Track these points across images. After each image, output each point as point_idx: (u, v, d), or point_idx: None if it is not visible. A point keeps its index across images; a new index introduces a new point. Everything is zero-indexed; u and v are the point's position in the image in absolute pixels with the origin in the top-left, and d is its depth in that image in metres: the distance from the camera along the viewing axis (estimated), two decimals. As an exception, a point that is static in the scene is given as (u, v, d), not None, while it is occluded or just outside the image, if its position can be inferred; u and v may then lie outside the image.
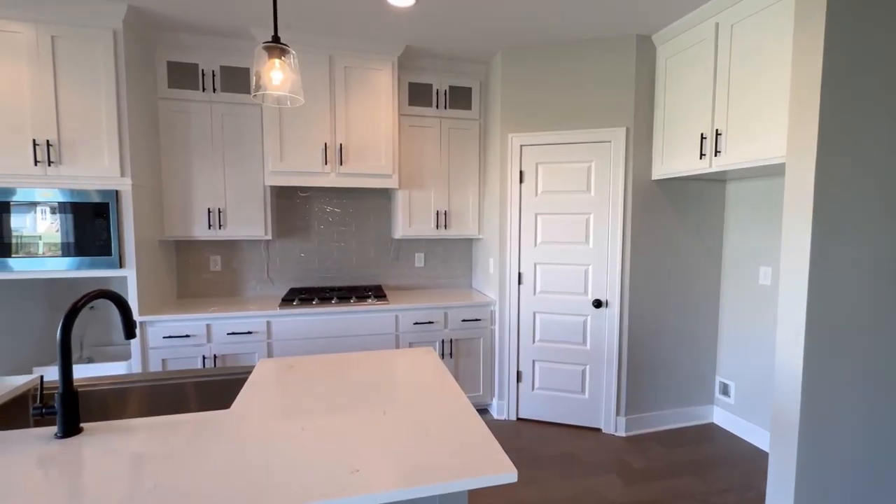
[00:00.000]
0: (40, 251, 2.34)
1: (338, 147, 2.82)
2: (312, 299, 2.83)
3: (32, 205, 2.32)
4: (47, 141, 2.29)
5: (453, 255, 3.58)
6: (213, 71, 2.75)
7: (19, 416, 1.44)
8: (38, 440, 1.11)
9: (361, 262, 3.40)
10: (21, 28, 2.24)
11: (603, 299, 2.82)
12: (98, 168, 2.37)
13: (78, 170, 2.34)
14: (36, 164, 2.29)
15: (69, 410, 1.12)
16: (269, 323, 2.68)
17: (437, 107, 3.14)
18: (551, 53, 2.82)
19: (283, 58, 1.20)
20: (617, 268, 2.76)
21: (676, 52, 2.54)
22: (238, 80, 2.80)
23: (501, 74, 2.93)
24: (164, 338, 2.53)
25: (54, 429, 1.15)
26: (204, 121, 2.77)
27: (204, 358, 2.59)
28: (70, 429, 1.12)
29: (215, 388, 1.68)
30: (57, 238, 2.35)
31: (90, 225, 2.39)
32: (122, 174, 2.39)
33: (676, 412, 2.98)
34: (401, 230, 3.14)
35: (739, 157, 2.16)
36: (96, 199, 2.38)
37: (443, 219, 3.21)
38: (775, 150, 1.99)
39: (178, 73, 2.72)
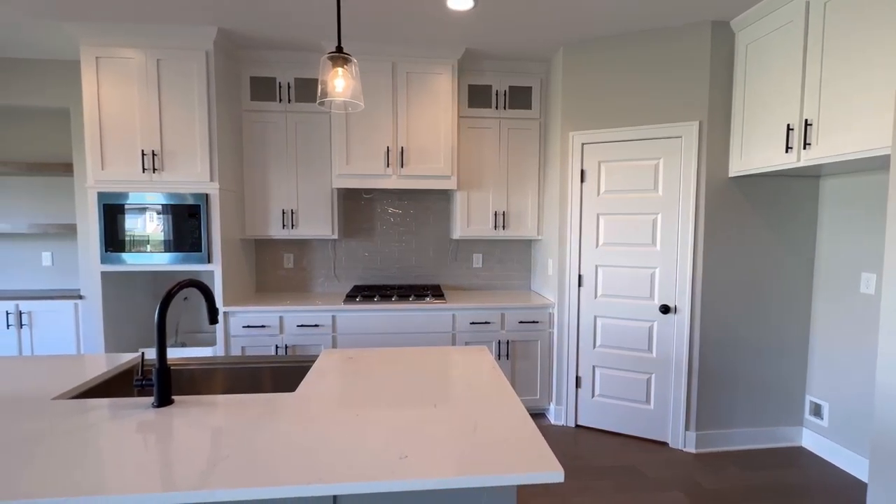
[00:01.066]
0: (147, 248, 2.69)
1: (399, 150, 2.93)
2: (374, 296, 2.96)
3: (141, 207, 2.67)
4: (153, 151, 2.63)
5: (511, 256, 3.55)
6: (288, 83, 2.99)
7: (125, 386, 1.68)
8: (138, 408, 1.28)
9: (421, 261, 3.49)
10: (133, 54, 2.59)
11: (671, 305, 2.65)
12: (192, 174, 2.67)
13: (176, 176, 2.66)
14: (143, 172, 2.63)
15: (163, 384, 1.28)
16: (334, 317, 2.85)
17: (496, 108, 3.15)
18: (615, 47, 2.72)
19: (345, 66, 1.29)
20: (687, 272, 2.58)
21: (759, 36, 2.33)
22: (310, 90, 3.01)
23: (562, 72, 2.87)
24: (243, 327, 2.79)
25: (151, 399, 1.32)
26: (280, 129, 3.01)
27: (277, 347, 2.81)
28: (163, 400, 1.29)
29: (284, 373, 1.83)
30: (160, 236, 2.69)
31: (185, 224, 2.71)
32: (212, 179, 2.68)
33: (757, 432, 2.71)
34: (459, 231, 3.18)
35: (832, 149, 1.93)
36: (190, 201, 2.68)
37: (501, 219, 3.21)
38: (876, 141, 1.75)
39: (259, 87, 2.98)
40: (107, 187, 2.64)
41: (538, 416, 3.14)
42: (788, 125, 2.13)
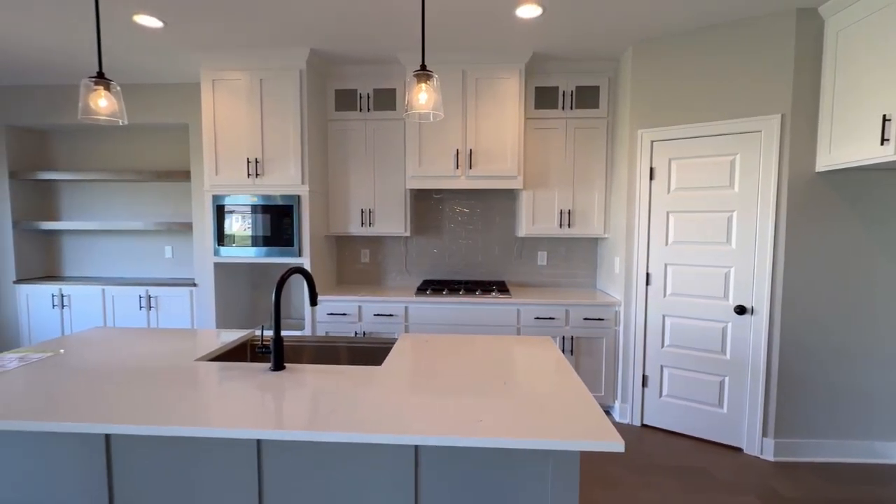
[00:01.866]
0: (249, 242, 3.10)
1: (468, 152, 3.10)
2: (443, 290, 3.16)
3: (245, 207, 3.08)
4: (255, 158, 3.03)
5: (577, 255, 3.58)
6: (367, 94, 3.28)
7: (241, 355, 2.01)
8: (258, 371, 1.56)
9: (487, 258, 3.63)
10: (241, 76, 3.01)
11: (748, 306, 2.56)
12: (286, 178, 3.04)
13: (273, 179, 3.04)
14: (248, 177, 3.04)
15: (278, 352, 1.56)
16: (406, 308, 3.09)
17: (563, 108, 3.21)
18: (688, 42, 2.67)
19: (427, 82, 1.47)
20: (766, 271, 2.48)
21: (851, 22, 2.19)
22: (386, 99, 3.28)
23: (631, 69, 2.87)
24: (327, 314, 3.11)
25: (268, 364, 1.60)
26: (359, 136, 3.32)
27: (356, 333, 3.11)
28: (278, 365, 1.56)
29: (363, 352, 2.07)
30: (259, 232, 3.09)
31: (279, 222, 3.08)
32: (302, 182, 3.03)
33: (846, 444, 2.53)
34: (524, 229, 3.29)
35: (936, 140, 1.79)
36: (283, 202, 3.06)
37: (566, 218, 3.26)
38: None
39: (342, 98, 3.31)
40: (219, 190, 3.09)
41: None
42: (885, 116, 1.99)
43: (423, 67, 1.46)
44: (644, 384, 2.95)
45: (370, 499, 1.42)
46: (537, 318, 3.04)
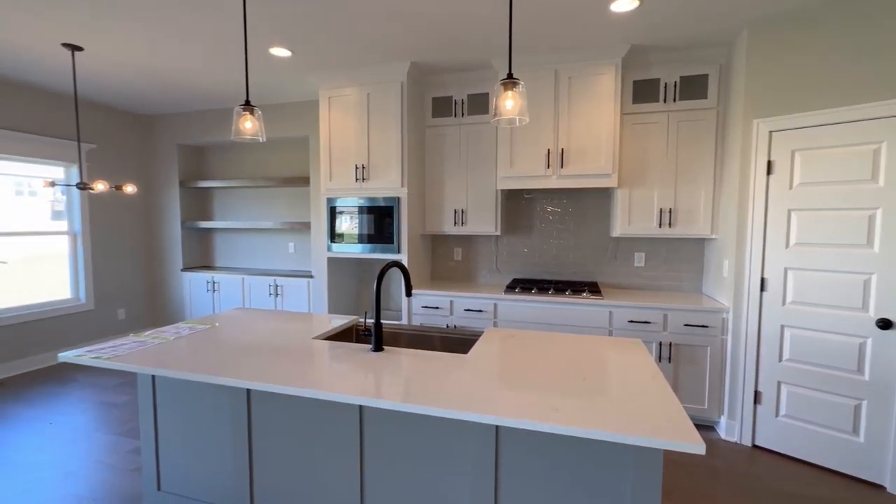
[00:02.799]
0: (355, 240, 3.48)
1: (559, 151, 3.09)
2: (531, 289, 3.20)
3: (352, 208, 3.46)
4: (362, 165, 3.38)
5: (679, 256, 3.35)
6: (462, 100, 3.45)
7: (348, 337, 2.30)
8: (361, 351, 1.80)
9: (578, 258, 3.57)
10: (351, 92, 3.38)
11: (894, 319, 2.18)
12: (388, 181, 3.34)
13: (377, 183, 3.37)
14: (356, 181, 3.41)
15: (378, 335, 1.77)
16: (495, 305, 3.19)
17: (665, 101, 3.03)
18: (815, 19, 2.35)
19: (513, 89, 1.56)
20: (921, 279, 2.09)
21: None
22: (479, 104, 3.41)
23: (747, 53, 2.62)
24: (422, 307, 3.35)
25: (369, 346, 1.83)
26: (453, 139, 3.50)
27: (447, 325, 3.30)
28: (378, 347, 1.78)
29: (452, 342, 2.21)
30: (364, 231, 3.44)
31: (381, 222, 3.40)
32: (402, 185, 3.30)
33: None
34: (619, 228, 3.17)
35: None
36: (385, 203, 3.36)
37: (667, 217, 3.08)
38: None
39: (438, 106, 3.52)
40: (332, 193, 3.51)
41: (706, 427, 2.91)
42: None
43: (510, 76, 1.55)
44: (757, 401, 2.67)
45: (454, 469, 1.56)
46: (631, 321, 2.92)
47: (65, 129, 4.08)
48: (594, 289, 3.19)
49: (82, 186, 3.00)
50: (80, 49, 2.94)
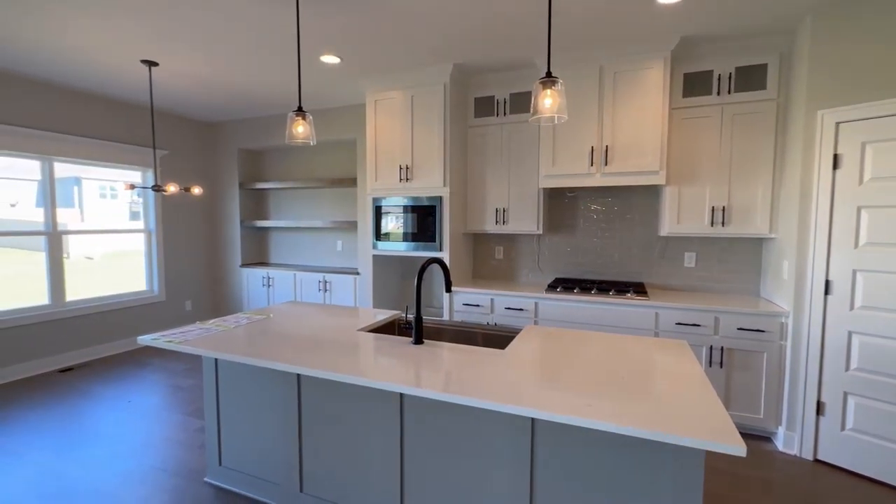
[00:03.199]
0: (399, 238, 3.59)
1: (603, 149, 3.04)
2: (574, 288, 3.16)
3: (396, 208, 3.58)
4: (406, 165, 3.49)
5: (733, 257, 3.18)
6: (504, 99, 3.46)
7: (390, 330, 2.39)
8: (403, 343, 1.88)
9: (623, 258, 3.48)
10: (396, 95, 3.50)
11: (985, 328, 1.97)
12: (430, 181, 3.42)
13: (420, 183, 3.46)
14: (400, 182, 3.52)
15: (418, 329, 1.85)
16: (536, 304, 3.18)
17: (718, 93, 2.89)
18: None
19: (552, 87, 1.57)
20: None
21: None
22: (522, 102, 3.41)
23: (811, 40, 2.45)
24: (462, 304, 3.41)
25: (410, 339, 1.90)
26: (495, 139, 3.52)
27: (487, 323, 3.32)
28: (418, 340, 1.85)
29: (491, 338, 2.25)
30: (408, 230, 3.54)
31: (424, 221, 3.48)
32: (444, 184, 3.37)
33: None
34: (667, 227, 3.06)
35: None
36: (428, 203, 3.44)
37: (719, 215, 2.93)
38: None
39: (480, 106, 3.56)
40: (377, 193, 3.64)
41: (761, 439, 2.75)
42: None
43: (549, 74, 1.57)
44: (819, 412, 2.49)
45: (490, 460, 1.60)
46: (679, 323, 2.82)
47: (142, 137, 4.51)
48: (640, 289, 3.10)
49: (157, 189, 3.32)
50: (155, 64, 3.25)
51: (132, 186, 3.26)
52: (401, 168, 3.51)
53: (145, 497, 2.12)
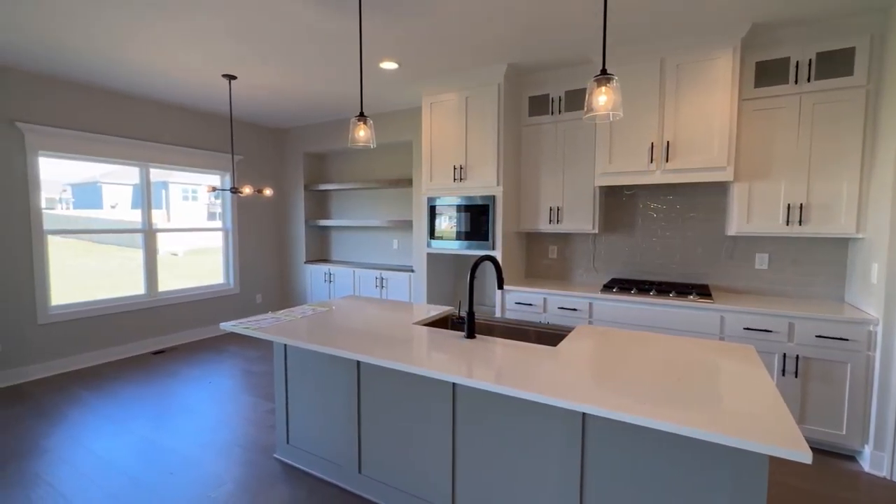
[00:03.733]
0: (452, 237, 3.67)
1: (664, 145, 2.92)
2: (631, 289, 3.07)
3: (449, 207, 3.66)
4: (460, 165, 3.56)
5: (812, 258, 2.93)
6: (559, 97, 3.43)
7: (444, 324, 2.47)
8: (456, 337, 1.95)
9: (686, 259, 3.32)
10: (451, 97, 3.58)
11: None
12: (484, 181, 3.47)
13: (473, 182, 3.52)
14: (454, 181, 3.60)
15: (471, 323, 1.91)
16: (590, 304, 3.13)
17: (796, 82, 2.68)
18: None
19: (607, 84, 1.56)
20: None
21: None
22: (577, 100, 3.36)
23: (907, 19, 2.21)
24: (515, 303, 3.42)
25: (462, 333, 1.97)
26: (549, 137, 3.50)
27: (539, 322, 3.31)
28: (470, 334, 1.91)
29: (543, 336, 2.26)
30: (461, 228, 3.62)
31: (477, 220, 3.54)
32: (497, 184, 3.41)
33: None
34: (735, 226, 2.89)
35: None
36: (481, 202, 3.49)
37: (796, 213, 2.72)
38: None
39: (535, 104, 3.55)
40: (432, 193, 3.75)
41: (843, 457, 2.52)
42: None
43: (604, 71, 1.56)
44: (915, 431, 2.24)
45: (539, 454, 1.62)
46: (748, 328, 2.65)
47: (220, 144, 4.96)
48: (703, 291, 2.95)
49: (234, 191, 3.65)
50: (234, 78, 3.58)
51: (214, 189, 3.61)
52: (455, 168, 3.59)
53: (225, 466, 2.36)
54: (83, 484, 2.21)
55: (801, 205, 2.70)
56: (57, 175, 3.88)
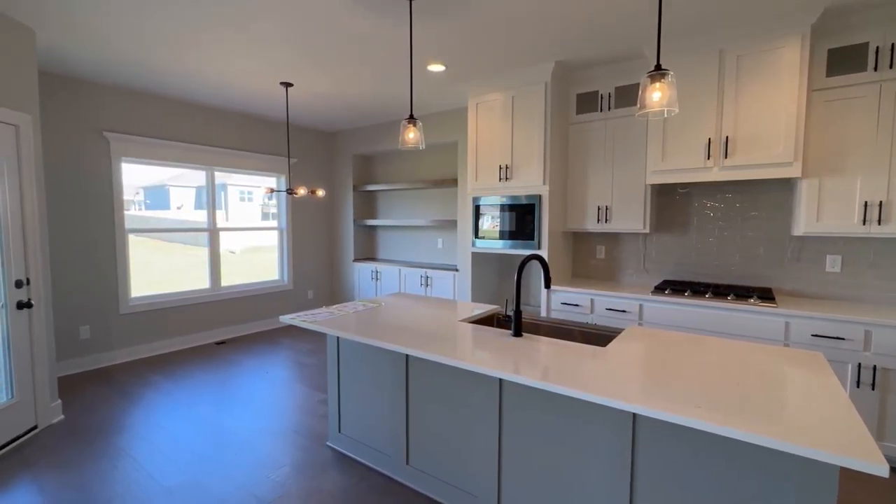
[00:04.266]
0: (497, 236, 3.68)
1: (722, 140, 2.78)
2: (684, 291, 2.95)
3: (495, 206, 3.67)
4: (505, 165, 3.57)
5: (893, 261, 2.68)
6: (608, 93, 3.35)
7: (489, 323, 2.50)
8: (502, 335, 1.97)
9: (746, 260, 3.14)
10: (497, 97, 3.59)
11: None
12: (530, 180, 3.45)
13: (519, 182, 3.51)
14: (499, 181, 3.61)
15: (518, 322, 1.92)
16: (641, 306, 3.04)
17: (875, 69, 2.47)
18: None
19: (661, 80, 1.53)
20: None
21: None
22: (628, 96, 3.27)
23: None
24: (561, 303, 3.38)
25: (509, 331, 1.98)
26: (598, 135, 3.42)
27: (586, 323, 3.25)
28: (517, 333, 1.92)
29: (591, 336, 2.22)
30: (506, 228, 3.62)
31: (522, 219, 3.53)
32: (544, 183, 3.38)
33: None
34: (803, 226, 2.70)
35: None
36: (527, 201, 3.48)
37: (874, 212, 2.50)
38: None
39: (583, 102, 3.49)
40: (477, 193, 3.78)
41: (929, 479, 2.30)
42: None
43: (658, 67, 1.53)
44: None
45: (587, 454, 1.61)
46: (816, 335, 2.47)
47: (276, 147, 5.25)
48: (766, 294, 2.78)
49: (290, 192, 3.85)
50: (291, 85, 3.78)
51: (272, 191, 3.84)
52: (500, 168, 3.60)
53: (282, 450, 2.52)
54: (159, 458, 2.43)
55: (881, 202, 2.49)
56: (132, 179, 4.27)
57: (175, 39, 2.87)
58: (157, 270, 4.48)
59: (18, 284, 2.61)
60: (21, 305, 2.61)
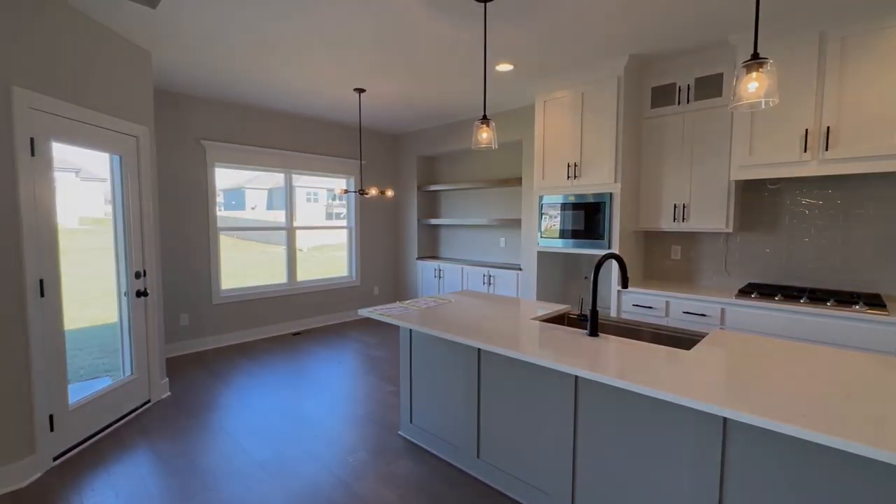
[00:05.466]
0: (565, 235, 3.62)
1: (823, 131, 2.55)
2: (774, 295, 2.73)
3: (562, 205, 3.62)
4: (574, 163, 3.50)
5: None
6: (687, 85, 3.18)
7: (560, 322, 2.48)
8: (577, 334, 1.95)
9: (849, 262, 2.85)
10: (565, 94, 3.53)
11: None
12: (600, 177, 3.37)
13: (588, 180, 3.43)
14: (567, 179, 3.56)
15: (594, 321, 1.90)
16: (723, 310, 2.86)
17: None
18: None
19: (759, 70, 1.44)
20: None
21: None
22: (709, 86, 3.08)
23: None
24: (632, 305, 3.26)
25: (585, 330, 1.96)
26: (676, 130, 3.26)
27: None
28: (593, 332, 1.90)
29: (667, 339, 2.13)
30: (574, 226, 3.55)
31: (591, 218, 3.44)
32: (615, 181, 3.28)
33: None
34: (922, 225, 2.40)
35: None
36: (595, 199, 3.39)
37: None
38: None
39: (658, 95, 3.34)
40: (543, 191, 3.74)
41: None
42: None
43: (756, 56, 1.44)
44: None
45: (670, 458, 1.57)
46: (939, 348, 2.19)
47: (346, 150, 5.53)
48: (874, 301, 2.51)
49: (361, 192, 4.06)
50: (363, 91, 3.98)
51: (345, 191, 4.06)
52: (569, 166, 3.54)
53: (357, 436, 2.67)
54: (250, 435, 2.68)
55: None
56: (216, 182, 4.70)
57: (267, 52, 3.13)
58: (236, 266, 4.91)
59: (137, 276, 2.99)
60: (139, 294, 2.98)
